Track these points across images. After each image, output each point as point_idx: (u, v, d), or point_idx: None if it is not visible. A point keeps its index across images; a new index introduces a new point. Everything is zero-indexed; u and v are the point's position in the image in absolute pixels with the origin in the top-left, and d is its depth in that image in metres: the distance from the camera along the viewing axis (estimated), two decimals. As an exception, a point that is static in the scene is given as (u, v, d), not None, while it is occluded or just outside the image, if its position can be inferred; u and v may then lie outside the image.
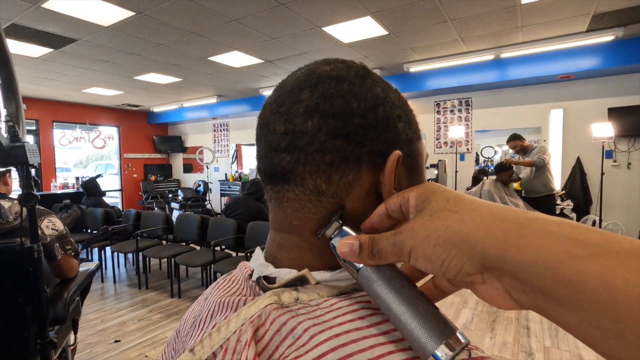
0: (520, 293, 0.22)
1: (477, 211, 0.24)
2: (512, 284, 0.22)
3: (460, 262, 0.23)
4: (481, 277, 0.24)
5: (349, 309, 0.29)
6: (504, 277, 0.22)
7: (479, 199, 0.26)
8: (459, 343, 0.23)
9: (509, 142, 4.18)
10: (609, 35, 3.88)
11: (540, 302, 0.21)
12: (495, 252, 0.22)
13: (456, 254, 0.23)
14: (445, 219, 0.25)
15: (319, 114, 0.32)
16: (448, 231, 0.24)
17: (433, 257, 0.24)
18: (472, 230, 0.23)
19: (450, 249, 0.24)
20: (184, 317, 0.45)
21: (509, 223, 0.23)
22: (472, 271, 0.23)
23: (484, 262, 0.23)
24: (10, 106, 1.00)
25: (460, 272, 0.24)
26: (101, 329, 2.94)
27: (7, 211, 1.47)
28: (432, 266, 0.25)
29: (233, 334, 0.31)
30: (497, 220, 0.23)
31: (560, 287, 0.20)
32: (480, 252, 0.23)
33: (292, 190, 0.33)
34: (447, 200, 0.26)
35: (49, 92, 6.69)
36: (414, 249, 0.25)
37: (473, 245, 0.23)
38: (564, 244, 0.20)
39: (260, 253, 0.37)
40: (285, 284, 0.32)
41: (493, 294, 0.24)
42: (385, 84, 0.35)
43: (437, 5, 3.24)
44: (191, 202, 7.69)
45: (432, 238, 0.24)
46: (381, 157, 0.32)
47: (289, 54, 4.61)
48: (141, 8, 3.20)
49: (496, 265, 0.22)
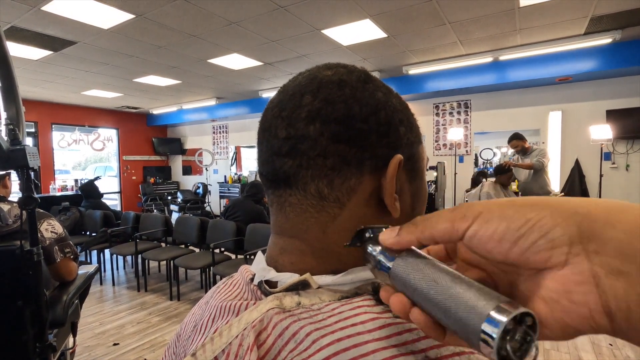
0: (616, 277, 0.17)
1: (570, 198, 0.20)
2: (610, 262, 0.17)
3: (551, 222, 0.19)
4: (567, 252, 0.18)
5: (351, 314, 0.29)
6: (604, 251, 0.17)
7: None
8: (516, 307, 0.18)
9: (511, 141, 4.17)
10: (606, 38, 3.90)
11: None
12: (605, 216, 0.18)
13: (549, 214, 0.19)
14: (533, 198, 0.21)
15: (321, 118, 0.32)
16: (541, 198, 0.20)
17: (514, 216, 0.20)
18: (574, 200, 0.20)
19: (543, 209, 0.19)
20: (184, 320, 0.45)
21: (615, 202, 0.19)
22: (560, 240, 0.18)
23: (584, 226, 0.18)
24: (11, 109, 1.00)
25: (544, 237, 0.19)
26: (100, 331, 2.92)
27: (6, 214, 1.47)
28: (507, 227, 0.19)
29: (235, 339, 0.31)
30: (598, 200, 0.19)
31: None
32: (583, 215, 0.18)
33: (294, 195, 0.33)
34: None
35: (48, 94, 6.69)
36: (487, 210, 0.21)
37: (574, 208, 0.19)
38: None
39: (262, 257, 0.37)
40: (287, 288, 0.32)
41: (571, 283, 0.18)
42: (386, 88, 0.36)
43: (435, 8, 3.25)
44: (190, 204, 7.69)
45: (519, 201, 0.20)
46: (383, 161, 0.32)
47: (289, 57, 4.62)
48: (141, 11, 3.21)
49: (601, 232, 0.18)
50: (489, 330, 0.18)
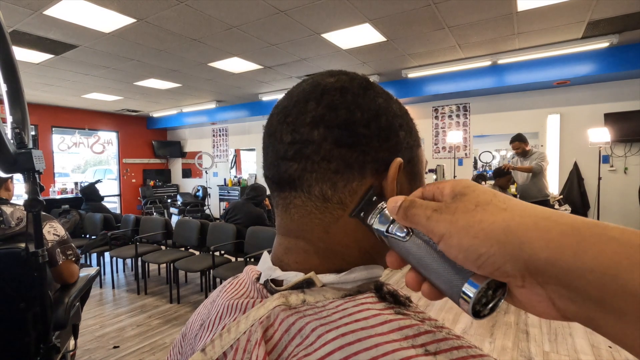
0: (567, 302, 0.20)
1: (529, 212, 0.23)
2: (559, 291, 0.20)
3: (500, 260, 0.22)
4: (522, 281, 0.22)
5: (354, 310, 0.31)
6: (550, 283, 0.20)
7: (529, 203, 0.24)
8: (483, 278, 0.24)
9: (513, 142, 4.17)
10: (604, 42, 3.93)
11: (593, 313, 0.19)
12: (546, 256, 0.20)
13: (498, 251, 0.22)
14: (492, 213, 0.23)
15: (324, 124, 0.33)
16: (494, 226, 0.22)
17: (470, 249, 0.23)
18: (521, 229, 0.22)
19: (492, 245, 0.22)
20: (190, 320, 0.46)
21: (565, 226, 0.21)
22: (512, 272, 0.22)
23: (529, 264, 0.21)
24: (17, 113, 1.02)
25: (498, 270, 0.22)
26: (100, 334, 2.92)
27: (9, 217, 1.47)
28: (466, 257, 0.23)
29: (243, 335, 0.32)
30: (551, 222, 0.21)
31: (621, 297, 0.18)
32: (527, 253, 0.21)
33: (298, 197, 0.35)
34: (494, 195, 0.25)
35: (49, 97, 6.70)
36: (448, 235, 0.24)
37: (520, 245, 0.21)
38: (628, 251, 0.19)
39: (268, 257, 0.39)
40: (292, 286, 0.34)
41: (532, 299, 0.22)
42: (387, 94, 0.37)
43: (434, 13, 3.28)
44: (190, 207, 7.68)
45: (473, 229, 0.23)
46: (384, 165, 0.34)
47: (288, 60, 4.64)
48: (142, 15, 3.23)
49: (544, 270, 0.20)
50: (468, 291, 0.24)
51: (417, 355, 0.27)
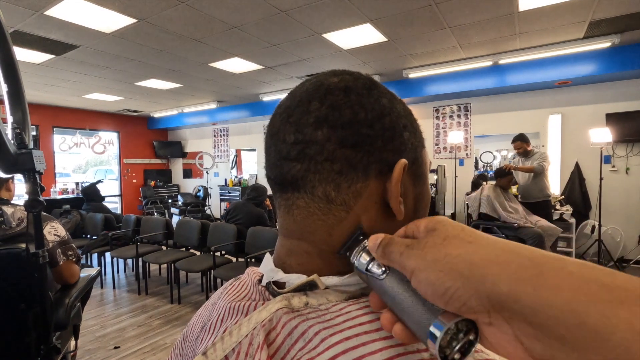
0: (533, 340, 0.19)
1: (493, 245, 0.23)
2: (524, 328, 0.20)
3: (465, 295, 0.21)
4: (488, 317, 0.21)
5: (358, 313, 0.30)
6: (515, 319, 0.20)
7: (494, 237, 0.24)
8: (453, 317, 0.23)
9: (515, 141, 4.16)
10: (605, 42, 3.92)
11: (557, 352, 0.19)
12: (507, 290, 0.20)
13: (462, 285, 0.22)
14: (458, 247, 0.23)
15: (328, 124, 0.33)
16: (458, 259, 0.23)
17: (437, 284, 0.23)
18: (484, 262, 0.22)
19: (457, 279, 0.22)
20: (191, 321, 0.45)
21: (525, 259, 0.21)
22: (479, 308, 0.21)
23: (492, 299, 0.20)
24: (17, 113, 1.02)
25: (464, 305, 0.22)
26: (101, 335, 2.92)
27: (9, 217, 1.47)
28: (434, 293, 0.23)
29: (245, 338, 0.32)
30: (512, 255, 0.21)
31: (583, 333, 0.17)
32: (489, 287, 0.21)
33: (301, 198, 0.34)
34: (462, 229, 0.25)
35: (50, 97, 6.71)
36: (417, 269, 0.24)
37: (482, 279, 0.21)
38: (587, 286, 0.18)
39: (270, 258, 0.38)
40: (295, 288, 0.33)
41: (501, 339, 0.21)
42: (391, 94, 0.37)
43: (435, 13, 3.27)
44: (191, 207, 7.68)
45: (440, 263, 0.23)
46: (388, 166, 0.33)
47: (289, 60, 4.64)
48: (143, 15, 3.23)
49: (507, 305, 0.20)
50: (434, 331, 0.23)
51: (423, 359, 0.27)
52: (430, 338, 0.23)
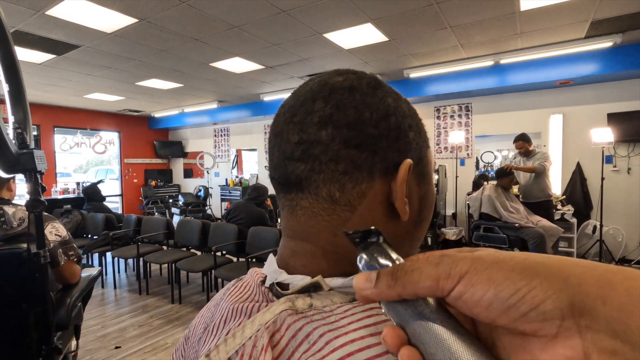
0: (608, 356, 0.16)
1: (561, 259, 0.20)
2: (602, 340, 0.16)
3: (542, 294, 0.18)
4: (558, 326, 0.17)
5: (363, 315, 0.30)
6: (593, 329, 0.17)
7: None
8: None
9: (517, 141, 4.14)
10: (607, 42, 3.91)
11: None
12: (595, 290, 0.17)
13: (539, 284, 0.18)
14: (520, 254, 0.20)
15: (332, 123, 0.32)
16: (529, 260, 0.19)
17: (503, 283, 0.18)
18: (564, 264, 0.19)
19: (532, 278, 0.18)
20: (193, 322, 0.45)
21: (603, 267, 0.18)
22: (554, 312, 0.17)
23: (576, 300, 0.17)
24: (18, 113, 1.01)
25: (535, 309, 0.18)
26: (102, 335, 2.92)
27: (10, 217, 1.47)
28: (496, 295, 0.18)
29: (248, 340, 0.31)
30: (591, 264, 0.19)
31: None
32: (574, 286, 0.17)
33: (305, 199, 0.34)
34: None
35: (51, 97, 6.72)
36: (474, 271, 0.19)
37: (566, 278, 0.18)
38: None
39: (273, 259, 0.38)
40: (299, 290, 0.33)
41: (562, 355, 0.17)
42: (396, 94, 0.36)
43: (437, 12, 3.27)
44: (192, 207, 7.69)
45: (507, 263, 0.19)
46: (393, 166, 0.33)
47: (290, 60, 4.64)
48: (144, 15, 3.23)
49: (592, 309, 0.17)
50: None
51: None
52: None
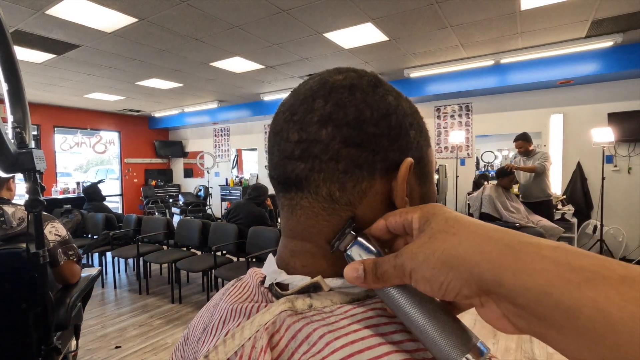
0: (517, 318, 0.22)
1: (474, 234, 0.24)
2: (509, 308, 0.22)
3: (457, 285, 0.23)
4: (479, 300, 0.23)
5: (363, 316, 0.30)
6: (501, 301, 0.22)
7: (479, 220, 0.26)
8: (480, 353, 0.24)
9: (517, 140, 4.13)
10: (608, 41, 3.90)
11: (538, 328, 0.21)
12: (491, 276, 0.22)
13: (453, 277, 0.23)
14: (443, 241, 0.25)
15: (332, 122, 0.32)
16: (445, 254, 0.24)
17: (432, 279, 0.24)
18: (468, 253, 0.23)
19: (448, 272, 0.24)
20: (192, 323, 0.45)
21: (503, 246, 0.22)
22: (470, 294, 0.23)
23: (480, 285, 0.23)
24: (18, 112, 1.01)
25: (458, 294, 0.24)
26: (102, 334, 2.92)
27: (10, 217, 1.47)
28: (432, 288, 0.25)
29: (247, 341, 0.31)
30: (492, 243, 0.23)
31: (557, 313, 0.19)
32: (476, 275, 0.23)
33: (305, 198, 0.34)
34: (445, 221, 0.26)
35: (51, 97, 6.72)
36: (414, 270, 0.25)
37: (469, 268, 0.23)
38: (558, 269, 0.20)
39: (273, 259, 0.37)
40: (298, 290, 0.33)
41: (492, 317, 0.24)
42: (396, 92, 0.36)
43: (437, 12, 3.26)
44: (192, 207, 7.68)
45: (430, 260, 0.24)
46: (394, 165, 0.32)
47: (290, 60, 4.63)
48: (144, 15, 3.23)
49: (493, 289, 0.22)
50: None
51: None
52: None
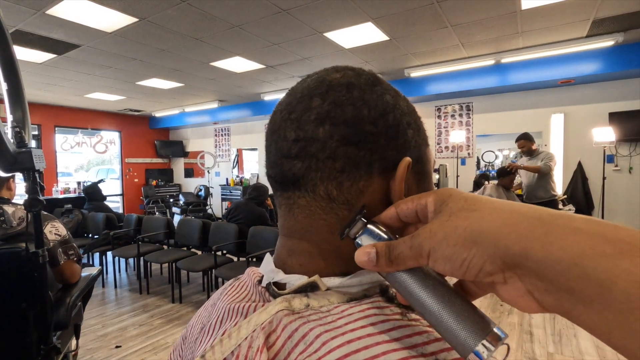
0: (544, 293, 0.21)
1: (498, 209, 0.23)
2: (535, 283, 0.21)
3: (481, 261, 0.22)
4: (503, 277, 0.22)
5: (360, 315, 0.29)
6: (527, 276, 0.21)
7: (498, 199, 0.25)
8: (497, 338, 0.23)
9: (519, 140, 4.05)
10: (609, 41, 3.90)
11: (566, 303, 0.20)
12: (519, 249, 0.21)
13: (477, 252, 0.22)
14: (465, 218, 0.24)
15: (330, 121, 0.32)
16: (468, 229, 0.23)
17: (453, 257, 0.23)
18: (493, 227, 0.22)
19: (471, 247, 0.23)
20: (190, 322, 0.45)
21: (533, 219, 0.22)
22: (494, 270, 0.22)
23: (506, 259, 0.22)
24: (17, 112, 1.01)
25: (481, 271, 0.23)
26: (102, 334, 2.92)
27: (10, 216, 1.47)
28: (452, 266, 0.24)
29: (244, 340, 0.31)
30: (520, 216, 0.22)
31: (588, 286, 0.19)
32: (502, 249, 0.22)
33: (302, 197, 0.33)
34: (465, 200, 0.25)
35: (52, 97, 6.72)
36: (433, 249, 0.24)
37: (495, 242, 0.22)
38: (591, 241, 0.19)
39: (270, 259, 0.37)
40: (295, 290, 0.32)
41: (515, 295, 0.23)
42: (394, 91, 0.36)
43: (437, 11, 3.26)
44: (192, 206, 7.69)
45: (452, 237, 0.24)
46: (391, 164, 0.32)
47: (291, 59, 4.63)
48: (144, 14, 3.23)
49: (519, 263, 0.21)
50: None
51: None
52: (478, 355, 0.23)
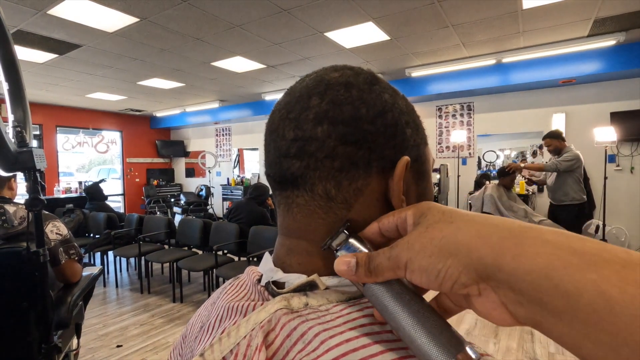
0: (516, 305, 0.21)
1: (473, 221, 0.24)
2: (508, 294, 0.21)
3: (456, 272, 0.23)
4: (477, 288, 0.23)
5: (359, 315, 0.29)
6: (500, 287, 0.22)
7: (475, 212, 0.25)
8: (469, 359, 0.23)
9: (545, 138, 3.79)
10: (610, 40, 3.89)
11: (537, 315, 0.20)
12: (491, 260, 0.22)
13: (452, 264, 0.23)
14: (441, 230, 0.24)
15: (328, 120, 0.32)
16: (444, 241, 0.24)
17: (429, 268, 0.24)
18: (467, 238, 0.23)
19: (446, 259, 0.23)
20: (190, 321, 0.45)
21: (504, 231, 0.22)
22: (468, 281, 0.23)
23: (479, 271, 0.22)
24: (18, 112, 1.01)
25: (456, 282, 0.23)
26: (103, 333, 2.93)
27: (11, 216, 1.48)
28: (429, 278, 0.24)
29: (243, 339, 0.31)
30: (492, 228, 0.23)
31: (556, 296, 0.19)
32: (475, 260, 0.22)
33: (301, 196, 0.33)
34: (442, 213, 0.26)
35: (53, 97, 6.74)
36: (410, 261, 0.25)
37: (468, 253, 0.23)
38: (559, 252, 0.20)
39: (269, 258, 0.37)
40: (294, 289, 0.32)
41: (489, 307, 0.23)
42: (393, 90, 0.36)
43: (438, 11, 3.25)
44: (193, 206, 7.70)
45: (428, 248, 0.24)
46: (390, 163, 0.32)
47: (291, 59, 4.63)
48: (145, 14, 3.23)
49: (492, 274, 0.22)
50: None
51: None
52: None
